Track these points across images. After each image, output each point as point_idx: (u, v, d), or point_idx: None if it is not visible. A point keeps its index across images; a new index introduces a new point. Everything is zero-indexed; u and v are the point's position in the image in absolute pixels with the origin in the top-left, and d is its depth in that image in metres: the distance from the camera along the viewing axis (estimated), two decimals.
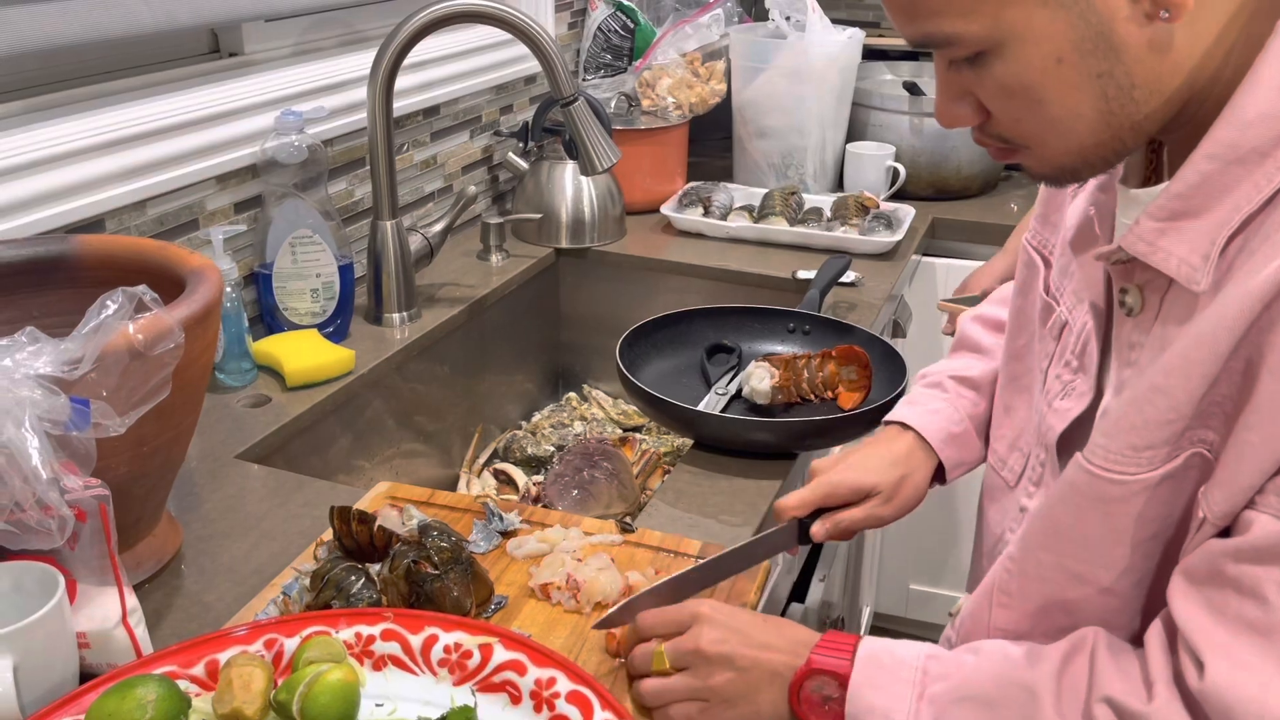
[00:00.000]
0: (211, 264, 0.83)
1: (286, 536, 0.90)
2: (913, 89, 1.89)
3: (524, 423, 1.59)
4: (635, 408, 1.58)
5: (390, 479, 1.32)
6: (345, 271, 1.26)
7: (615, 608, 0.76)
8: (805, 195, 1.75)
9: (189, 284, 0.80)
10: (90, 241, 0.89)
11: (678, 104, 1.77)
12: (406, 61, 1.26)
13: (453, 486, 1.41)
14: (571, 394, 1.65)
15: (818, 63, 1.76)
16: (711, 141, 2.07)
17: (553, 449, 1.48)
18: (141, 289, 0.65)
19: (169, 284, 0.82)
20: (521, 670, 0.69)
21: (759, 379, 1.16)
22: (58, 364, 0.60)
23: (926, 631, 2.21)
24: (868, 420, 1.09)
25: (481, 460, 1.47)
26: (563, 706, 0.66)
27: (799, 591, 1.31)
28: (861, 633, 1.99)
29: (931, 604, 2.10)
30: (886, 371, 1.16)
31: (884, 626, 2.24)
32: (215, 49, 1.29)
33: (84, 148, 1.03)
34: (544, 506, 1.21)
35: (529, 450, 1.47)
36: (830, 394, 1.16)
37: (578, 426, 1.57)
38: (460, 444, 1.46)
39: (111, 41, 1.02)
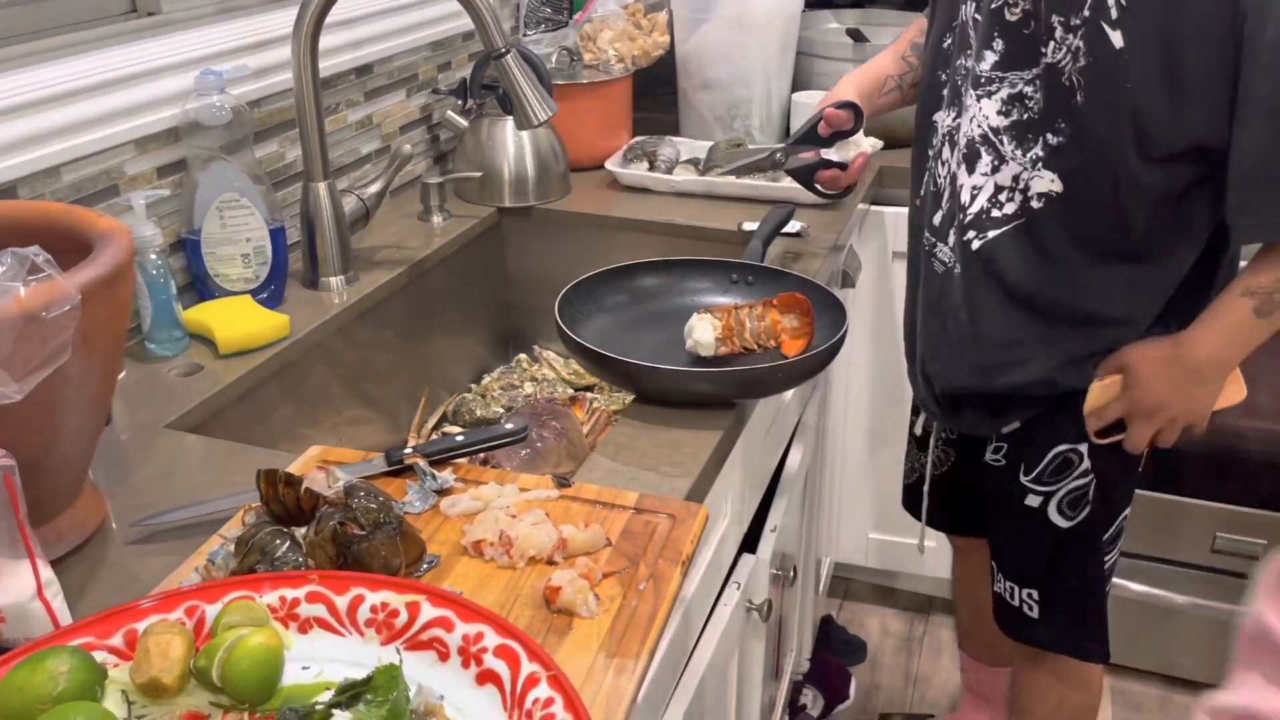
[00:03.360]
0: (121, 226, 0.80)
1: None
2: (857, 36, 1.87)
3: (474, 385, 1.58)
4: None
5: (335, 444, 1.30)
6: (277, 236, 1.23)
7: None
8: (751, 147, 1.73)
9: (95, 248, 0.78)
10: None
11: (620, 57, 1.74)
12: (336, 19, 1.23)
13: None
14: (522, 355, 1.64)
15: (761, 12, 1.73)
16: (657, 96, 2.04)
17: (502, 411, 1.46)
18: (33, 250, 0.63)
19: (79, 248, 0.79)
20: (449, 627, 0.68)
21: (702, 330, 1.15)
22: None
23: (888, 580, 2.23)
24: (808, 368, 1.08)
25: (430, 424, 1.45)
26: (490, 661, 0.66)
27: (750, 543, 1.31)
28: (822, 585, 2.01)
29: (891, 552, 2.12)
30: (827, 317, 1.15)
31: (845, 576, 2.26)
32: (133, 8, 1.25)
33: None
34: (493, 468, 1.20)
35: (478, 412, 1.46)
36: (773, 343, 1.15)
37: (528, 387, 1.56)
38: (408, 409, 1.45)
39: (23, 1, 0.98)
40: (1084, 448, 1.25)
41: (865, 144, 1.39)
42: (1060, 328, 1.21)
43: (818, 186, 1.42)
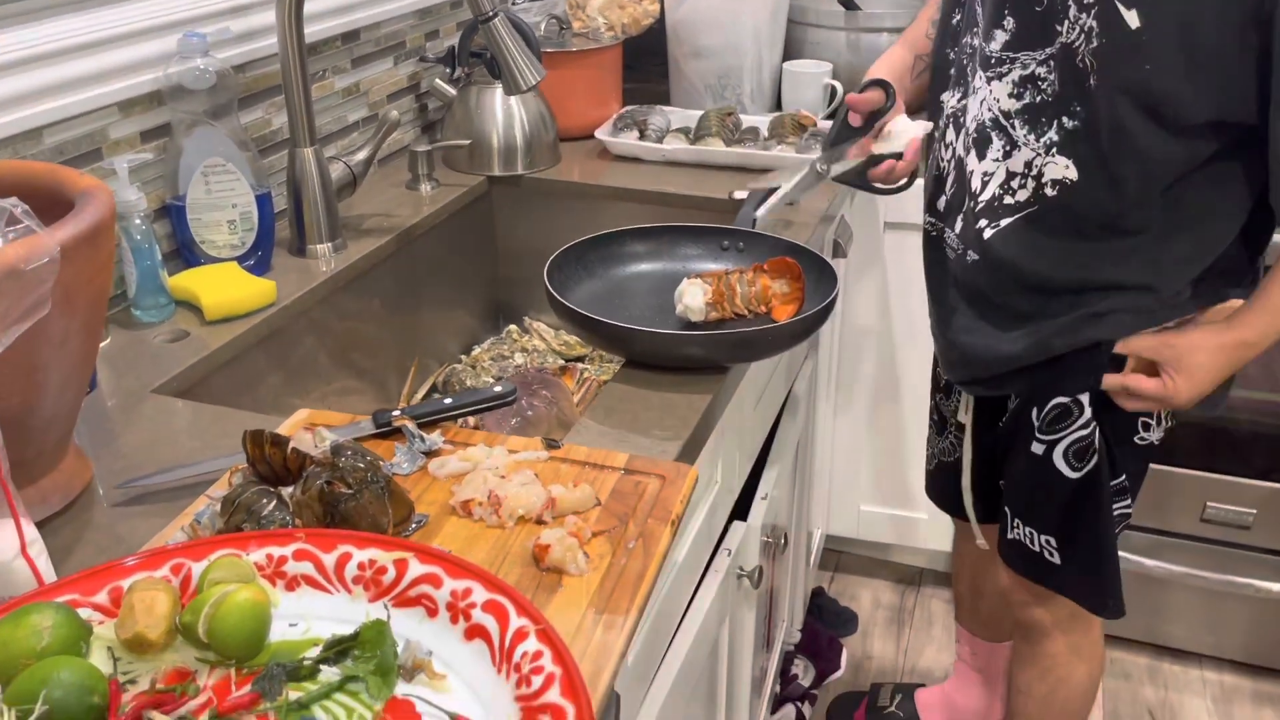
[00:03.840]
0: (102, 185, 0.79)
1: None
2: (848, 4, 1.86)
3: (464, 356, 1.57)
4: (576, 337, 1.56)
5: None
6: (263, 202, 1.22)
7: None
8: (742, 116, 1.72)
9: (77, 205, 0.76)
10: None
11: (609, 25, 1.73)
12: None
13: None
14: (512, 326, 1.63)
15: None
16: (647, 67, 2.03)
17: (492, 381, 1.45)
18: (11, 201, 0.62)
19: (61, 207, 0.78)
20: (437, 583, 0.67)
21: (692, 295, 1.14)
22: None
23: (879, 553, 2.24)
24: (798, 331, 1.08)
25: (420, 395, 1.45)
26: (479, 616, 0.65)
27: (741, 510, 1.31)
28: (813, 557, 2.02)
29: (883, 525, 2.12)
30: (818, 282, 1.14)
31: (836, 549, 2.26)
32: None
33: None
34: (482, 432, 1.19)
35: (468, 383, 1.45)
36: (764, 308, 1.15)
37: (519, 358, 1.55)
38: (397, 379, 1.44)
39: None
40: (1085, 398, 1.22)
41: (916, 128, 1.24)
42: (1070, 310, 1.18)
43: (876, 185, 1.28)
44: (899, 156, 1.24)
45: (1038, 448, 1.26)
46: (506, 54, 1.22)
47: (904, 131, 1.24)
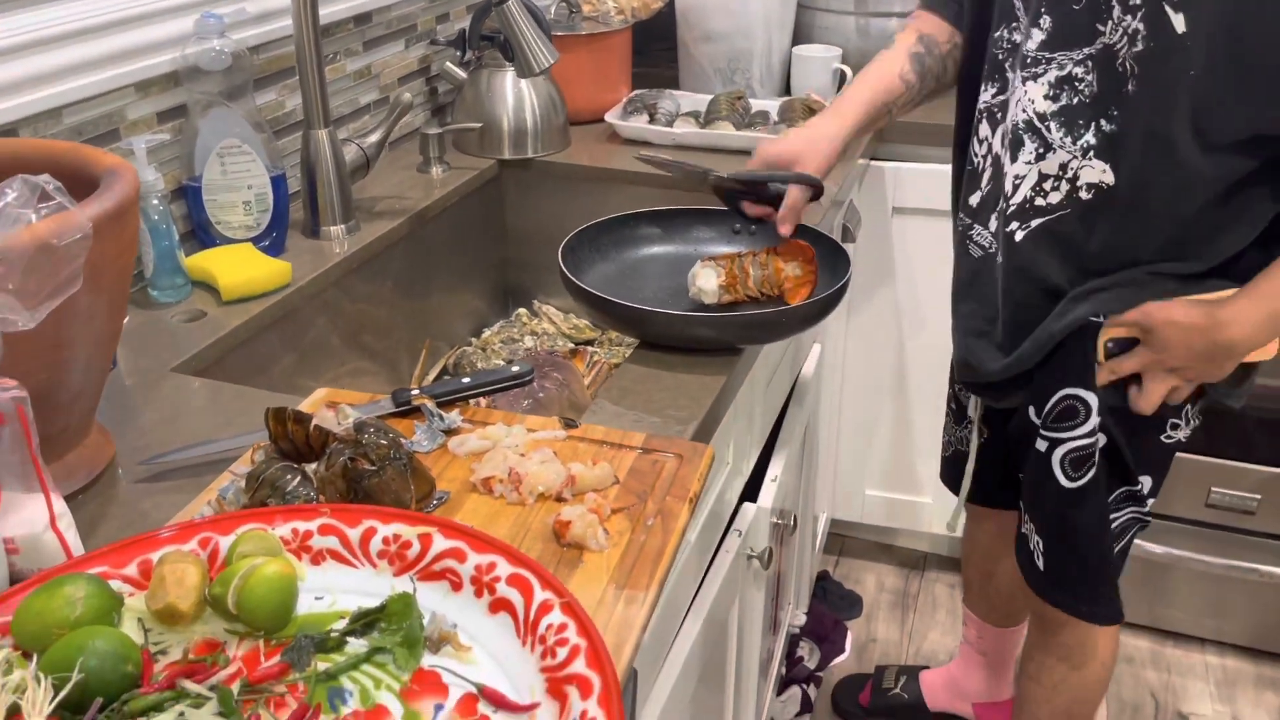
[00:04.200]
0: (126, 163, 0.80)
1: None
2: None
3: (474, 339, 1.58)
4: (586, 320, 1.57)
5: None
6: (278, 183, 1.23)
7: None
8: (752, 100, 1.72)
9: (102, 183, 0.77)
10: None
11: (619, 8, 1.73)
12: None
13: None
14: (521, 310, 1.64)
15: None
16: (657, 51, 2.03)
17: (502, 364, 1.46)
18: (44, 178, 0.62)
19: (84, 186, 0.79)
20: (461, 557, 0.68)
21: (706, 278, 1.15)
22: None
23: (883, 537, 2.25)
24: (811, 314, 1.08)
25: (431, 377, 1.46)
26: (503, 589, 0.66)
27: (750, 492, 1.32)
28: (819, 541, 2.03)
29: (888, 509, 2.14)
30: (832, 266, 1.15)
31: (841, 533, 2.28)
32: None
33: None
34: (499, 410, 1.20)
35: (479, 365, 1.46)
36: (777, 292, 1.16)
37: (528, 341, 1.56)
38: (408, 361, 1.45)
39: None
40: (1093, 399, 1.19)
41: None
42: (1096, 297, 1.16)
43: (744, 211, 1.25)
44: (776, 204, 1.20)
45: (1041, 444, 1.23)
46: (520, 36, 1.22)
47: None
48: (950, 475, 1.56)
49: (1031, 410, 1.24)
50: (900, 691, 1.84)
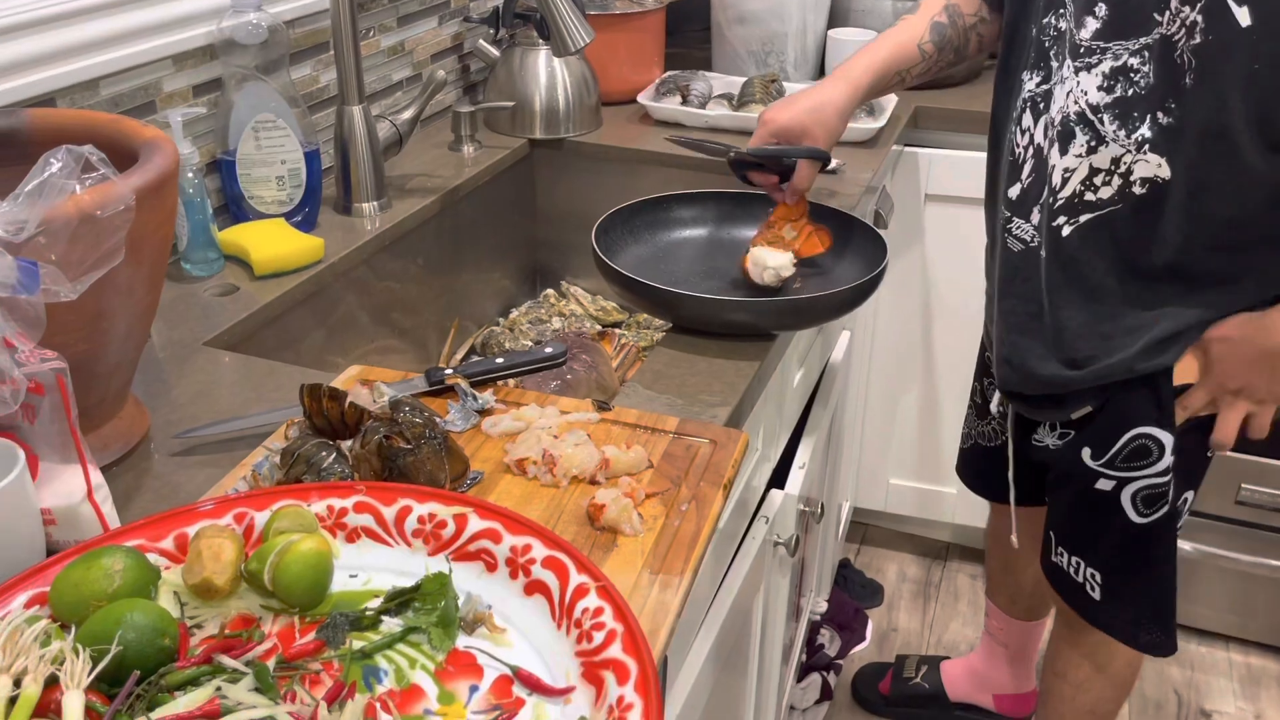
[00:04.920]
0: (166, 136, 0.80)
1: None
2: None
3: (501, 319, 1.57)
4: (614, 302, 1.56)
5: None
6: (311, 159, 1.22)
7: None
8: (785, 83, 1.70)
9: (142, 155, 0.77)
10: (41, 115, 0.85)
11: None
12: None
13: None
14: (549, 290, 1.63)
15: None
16: (690, 32, 2.01)
17: (530, 344, 1.46)
18: (88, 149, 0.62)
19: (124, 158, 0.79)
20: (497, 539, 0.68)
21: (775, 257, 1.11)
22: (1, 225, 0.57)
23: (905, 526, 2.24)
24: (848, 300, 1.07)
25: (459, 356, 1.45)
26: (538, 572, 0.66)
27: (779, 478, 1.31)
28: (842, 528, 2.02)
29: (911, 499, 2.12)
30: (867, 252, 1.14)
31: (863, 521, 2.27)
32: None
33: (31, 21, 0.98)
34: (532, 391, 1.20)
35: (506, 345, 1.45)
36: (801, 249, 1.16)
37: (556, 322, 1.55)
38: (436, 339, 1.45)
39: None
40: (1167, 438, 1.15)
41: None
42: (1150, 317, 1.12)
43: (751, 181, 1.24)
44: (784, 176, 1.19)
45: (1105, 484, 1.19)
46: (557, 14, 1.21)
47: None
48: (967, 468, 1.55)
49: (1087, 453, 1.19)
50: (921, 681, 1.83)
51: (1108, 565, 1.26)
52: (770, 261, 1.11)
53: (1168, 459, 1.17)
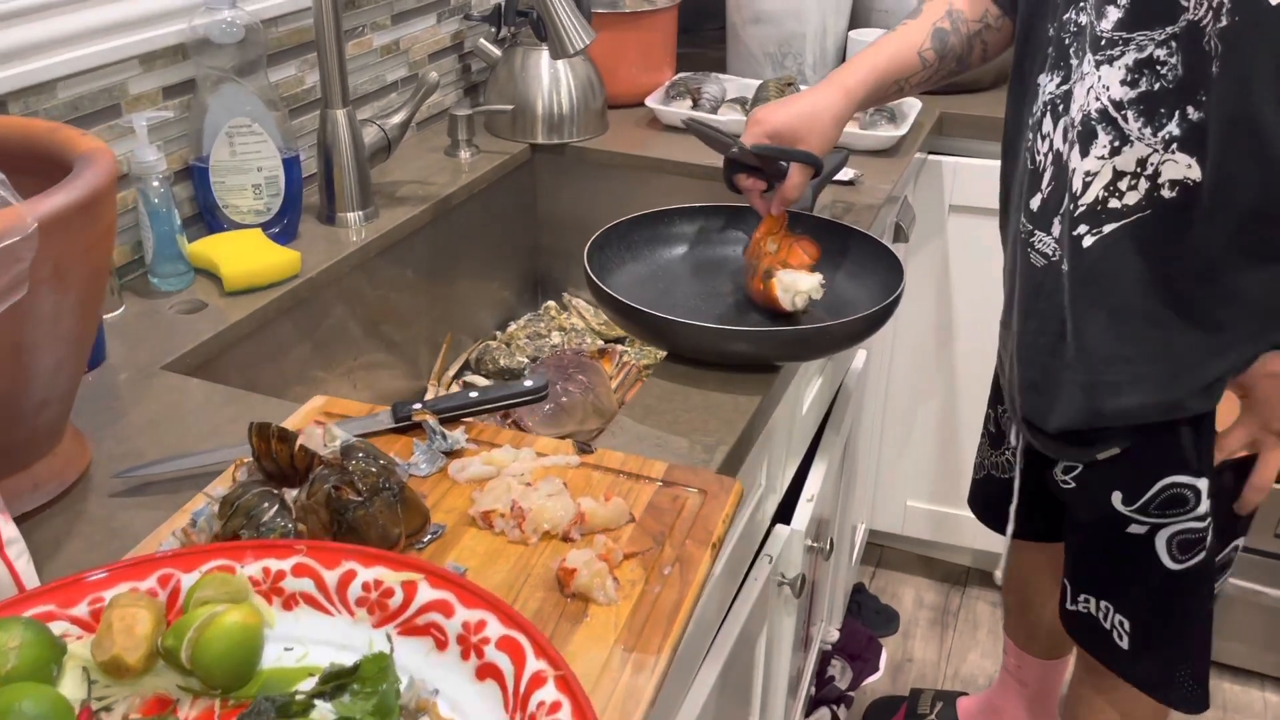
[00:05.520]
0: (104, 147, 0.72)
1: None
2: None
3: (499, 333, 1.50)
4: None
5: (349, 391, 1.23)
6: (290, 165, 1.15)
7: None
8: (803, 87, 1.62)
9: (75, 169, 0.70)
10: None
11: None
12: None
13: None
14: (550, 302, 1.55)
15: None
16: (705, 32, 1.92)
17: (527, 361, 1.38)
18: None
19: (62, 171, 0.72)
20: (448, 612, 0.60)
21: (807, 280, 1.03)
22: None
23: (923, 549, 2.15)
24: (858, 330, 0.99)
25: (451, 372, 1.38)
26: (492, 654, 0.58)
27: (784, 513, 1.23)
28: (856, 552, 1.93)
29: (929, 522, 2.03)
30: (883, 275, 1.05)
31: (879, 544, 2.18)
32: None
33: None
34: (512, 423, 1.13)
35: (501, 362, 1.38)
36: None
37: (555, 337, 1.48)
38: (428, 355, 1.37)
39: None
40: (1203, 484, 1.07)
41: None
42: (1183, 342, 1.03)
43: (735, 183, 1.15)
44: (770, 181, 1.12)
45: (1137, 529, 1.11)
46: (554, 14, 1.13)
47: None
48: (979, 499, 1.46)
49: (1118, 497, 1.11)
50: (935, 718, 1.75)
51: (1138, 612, 1.17)
52: (803, 285, 1.02)
53: (1204, 504, 1.08)
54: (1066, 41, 1.03)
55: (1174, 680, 1.19)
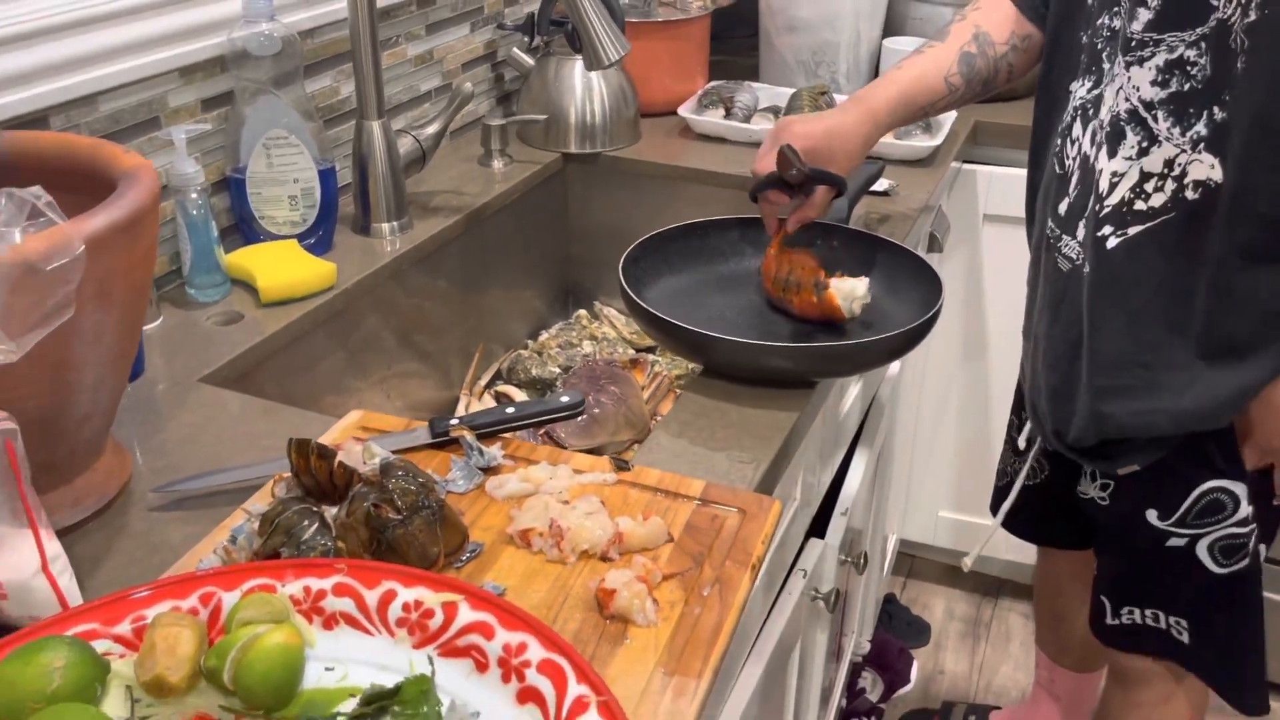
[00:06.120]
0: (147, 165, 0.73)
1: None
2: None
3: (530, 342, 1.50)
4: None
5: (383, 400, 1.24)
6: (326, 177, 1.15)
7: None
8: (836, 95, 1.60)
9: (119, 187, 0.70)
10: (18, 139, 0.78)
11: None
12: None
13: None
14: (582, 311, 1.55)
15: None
16: (737, 39, 1.92)
17: (559, 371, 1.38)
18: (34, 191, 0.55)
19: (103, 186, 0.72)
20: (489, 633, 0.60)
21: (861, 286, 1.03)
22: None
23: (955, 560, 2.12)
24: (898, 346, 0.98)
25: (483, 382, 1.38)
26: (533, 677, 0.58)
27: (818, 527, 1.22)
28: (887, 562, 1.91)
29: (960, 531, 2.01)
30: (923, 288, 1.04)
31: (910, 554, 2.16)
32: None
33: (23, 33, 0.92)
34: (544, 434, 1.12)
35: (533, 372, 1.38)
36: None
37: (587, 346, 1.47)
38: (460, 364, 1.37)
39: None
40: (1241, 490, 1.06)
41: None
42: (1203, 353, 1.01)
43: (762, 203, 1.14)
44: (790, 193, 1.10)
45: (1177, 541, 1.09)
46: (588, 25, 1.13)
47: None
48: (998, 506, 1.44)
49: (1153, 514, 1.09)
50: None
51: (1193, 613, 1.16)
52: (859, 291, 1.02)
53: (1244, 509, 1.07)
54: (1099, 46, 1.03)
55: (1232, 677, 1.18)
